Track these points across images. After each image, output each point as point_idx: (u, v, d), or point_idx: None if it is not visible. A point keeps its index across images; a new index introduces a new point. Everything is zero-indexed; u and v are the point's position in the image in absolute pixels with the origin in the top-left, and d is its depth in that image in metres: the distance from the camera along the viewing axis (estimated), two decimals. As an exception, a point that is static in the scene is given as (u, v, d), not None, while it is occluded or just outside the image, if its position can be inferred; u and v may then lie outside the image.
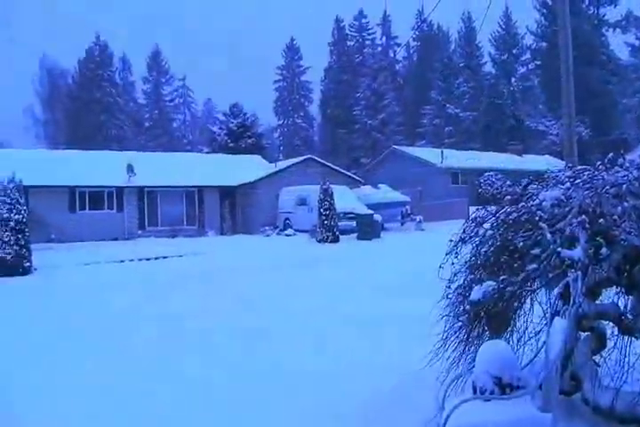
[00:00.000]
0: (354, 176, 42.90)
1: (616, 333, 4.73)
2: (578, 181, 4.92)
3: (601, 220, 4.41)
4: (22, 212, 20.02)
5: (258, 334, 9.00)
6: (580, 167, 5.34)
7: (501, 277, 4.78)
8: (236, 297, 12.60)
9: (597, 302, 4.71)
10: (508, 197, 5.43)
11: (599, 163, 4.96)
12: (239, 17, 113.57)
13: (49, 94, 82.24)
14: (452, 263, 5.40)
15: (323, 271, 16.57)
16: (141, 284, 16.19)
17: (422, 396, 5.07)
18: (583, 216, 4.40)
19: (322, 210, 28.32)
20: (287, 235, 32.54)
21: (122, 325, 10.38)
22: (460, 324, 5.30)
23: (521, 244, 4.79)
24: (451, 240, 5.47)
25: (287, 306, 11.37)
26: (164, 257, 22.96)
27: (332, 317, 9.93)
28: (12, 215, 19.71)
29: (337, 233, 28.28)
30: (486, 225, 5.33)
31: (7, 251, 19.32)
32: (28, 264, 19.78)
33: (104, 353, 8.44)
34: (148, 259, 22.60)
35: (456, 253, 5.42)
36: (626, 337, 4.66)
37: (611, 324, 4.72)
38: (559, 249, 4.42)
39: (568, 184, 4.95)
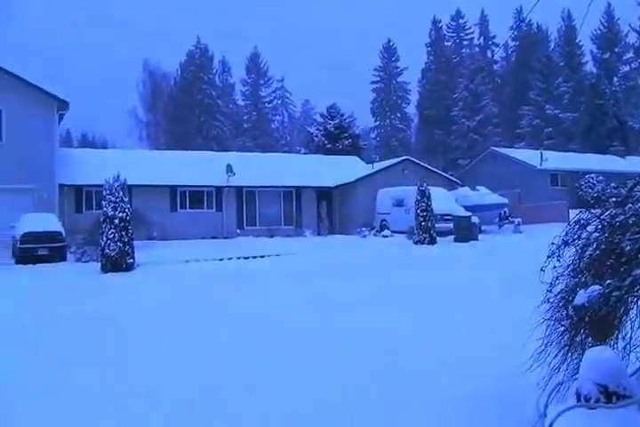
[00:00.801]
0: (451, 178, 42.51)
1: None
2: (690, 182, 4.74)
3: None
4: (126, 210, 20.56)
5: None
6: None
7: (607, 282, 4.63)
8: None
9: None
10: (613, 199, 5.25)
11: None
12: (337, 18, 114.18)
13: (151, 97, 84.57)
14: (554, 267, 5.27)
15: (430, 273, 16.25)
16: (242, 279, 16.52)
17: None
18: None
19: (419, 211, 28.11)
20: (384, 236, 32.41)
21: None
22: (562, 329, 5.17)
23: (628, 247, 4.63)
24: (552, 243, 5.32)
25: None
26: (262, 256, 23.23)
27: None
28: (116, 213, 20.28)
29: (434, 235, 28.00)
30: (590, 228, 5.17)
31: (112, 247, 19.88)
32: (131, 260, 20.28)
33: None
34: (246, 257, 22.88)
35: (558, 256, 5.28)
36: None
37: None
38: (669, 254, 4.26)
39: (679, 186, 4.77)
